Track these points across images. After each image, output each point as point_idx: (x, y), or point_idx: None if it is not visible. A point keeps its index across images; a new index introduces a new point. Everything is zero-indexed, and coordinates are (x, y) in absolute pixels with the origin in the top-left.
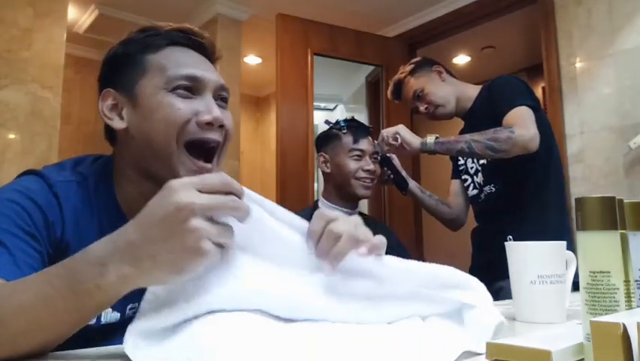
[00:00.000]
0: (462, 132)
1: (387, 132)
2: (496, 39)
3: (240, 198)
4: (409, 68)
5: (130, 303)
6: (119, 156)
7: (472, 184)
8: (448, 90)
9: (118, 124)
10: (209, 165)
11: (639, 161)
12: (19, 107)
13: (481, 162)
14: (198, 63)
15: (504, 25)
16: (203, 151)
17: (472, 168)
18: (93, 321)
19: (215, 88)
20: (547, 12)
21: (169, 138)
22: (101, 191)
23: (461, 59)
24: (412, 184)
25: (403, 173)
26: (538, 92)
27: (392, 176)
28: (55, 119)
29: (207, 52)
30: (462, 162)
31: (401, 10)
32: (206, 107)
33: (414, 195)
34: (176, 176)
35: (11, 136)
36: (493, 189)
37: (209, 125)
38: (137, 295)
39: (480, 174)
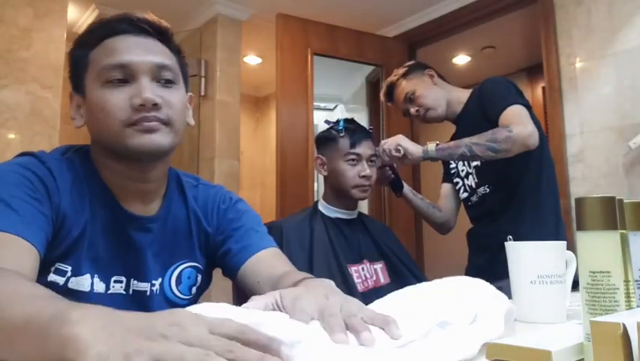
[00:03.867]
0: (454, 136)
1: (388, 145)
2: (496, 39)
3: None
4: (401, 71)
5: (114, 275)
6: (92, 146)
7: (462, 187)
8: (439, 93)
9: (77, 123)
10: (156, 124)
11: (639, 161)
12: (19, 107)
13: (474, 164)
14: (132, 48)
15: (504, 25)
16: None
17: (462, 170)
18: (87, 289)
19: (152, 70)
20: (547, 12)
21: (109, 126)
22: (88, 174)
23: (461, 59)
24: (405, 187)
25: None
26: (538, 92)
27: (392, 177)
28: (55, 119)
29: (154, 33)
30: (453, 165)
31: (401, 10)
32: (137, 91)
33: (406, 198)
34: (129, 149)
35: (11, 136)
36: (488, 190)
37: (142, 106)
38: (122, 267)
39: (471, 177)
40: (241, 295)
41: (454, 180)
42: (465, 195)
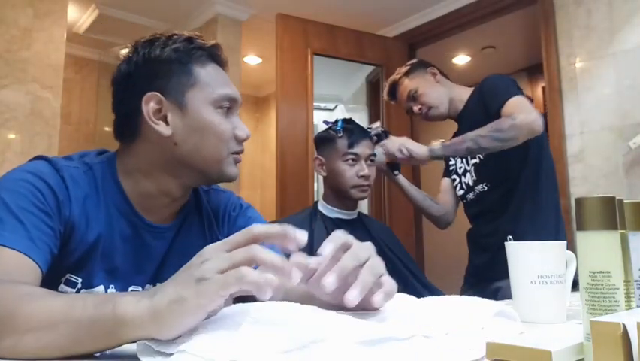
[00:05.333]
0: (456, 134)
1: (392, 146)
2: (496, 39)
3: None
4: (404, 69)
5: (132, 285)
6: (139, 154)
7: (459, 184)
8: (441, 91)
9: (165, 130)
10: (240, 157)
11: (639, 161)
12: (19, 107)
13: (472, 161)
14: (231, 83)
15: (504, 25)
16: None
17: (460, 168)
18: None
19: (239, 106)
20: (547, 12)
21: (219, 150)
22: (108, 181)
23: (461, 59)
24: (402, 177)
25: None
26: (538, 92)
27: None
28: (55, 119)
29: (225, 68)
30: (452, 162)
31: (401, 10)
32: (239, 125)
33: (402, 186)
34: (223, 175)
35: (11, 136)
36: (486, 187)
37: (244, 140)
38: (139, 276)
39: (469, 175)
40: (239, 296)
41: (452, 177)
42: (461, 192)
